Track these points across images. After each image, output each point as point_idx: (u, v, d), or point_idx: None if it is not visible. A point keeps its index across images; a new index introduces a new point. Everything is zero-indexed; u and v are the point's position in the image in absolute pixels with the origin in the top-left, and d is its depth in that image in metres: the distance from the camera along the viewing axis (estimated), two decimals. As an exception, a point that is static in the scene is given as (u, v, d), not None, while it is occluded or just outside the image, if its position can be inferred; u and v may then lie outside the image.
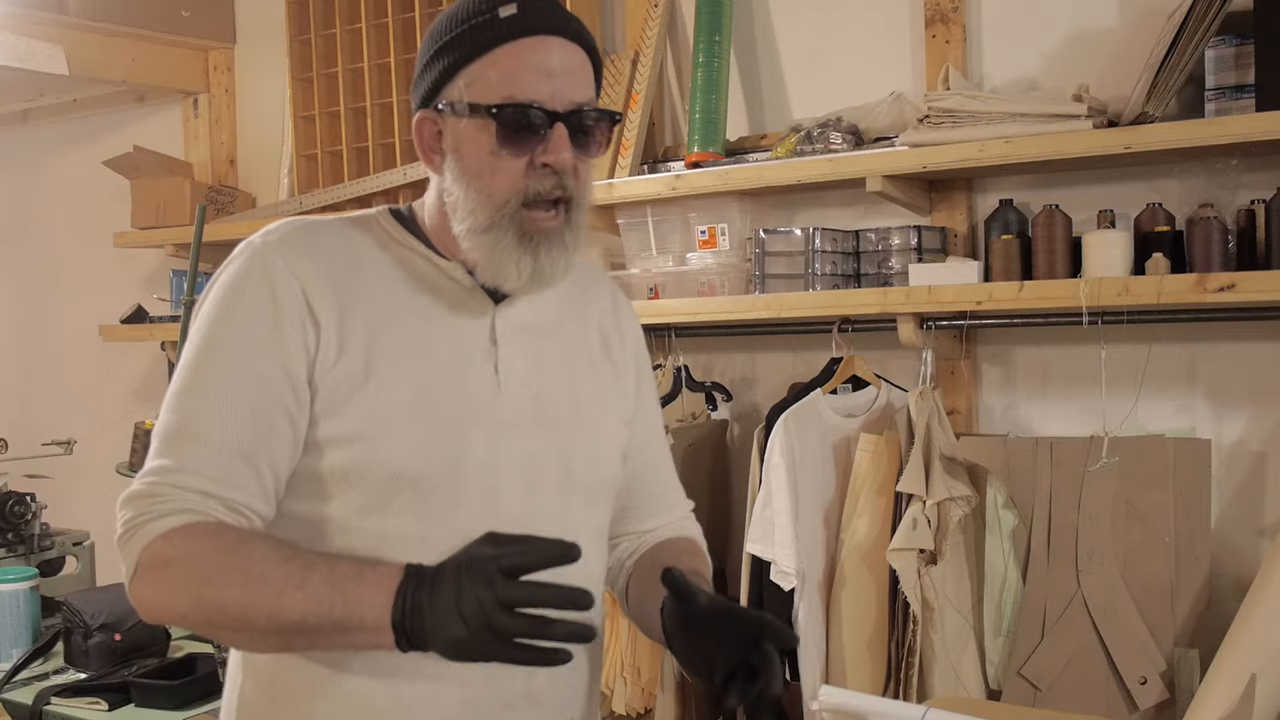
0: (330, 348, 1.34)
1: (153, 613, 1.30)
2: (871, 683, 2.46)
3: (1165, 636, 2.30)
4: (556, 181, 1.35)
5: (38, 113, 4.47)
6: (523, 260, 1.36)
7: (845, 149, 2.66)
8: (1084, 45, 2.54)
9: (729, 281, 2.80)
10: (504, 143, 1.34)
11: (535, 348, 1.46)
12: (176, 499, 1.28)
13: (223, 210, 3.83)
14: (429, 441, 1.35)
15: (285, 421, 1.33)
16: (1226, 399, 2.43)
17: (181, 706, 2.47)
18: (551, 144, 1.34)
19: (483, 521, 1.31)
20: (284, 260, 1.36)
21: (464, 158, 1.37)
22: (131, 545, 1.28)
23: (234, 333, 1.33)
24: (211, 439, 1.31)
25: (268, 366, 1.32)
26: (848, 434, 2.57)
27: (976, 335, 2.68)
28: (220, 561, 1.24)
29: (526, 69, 1.34)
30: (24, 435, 3.67)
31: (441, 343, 1.40)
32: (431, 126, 1.41)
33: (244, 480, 1.31)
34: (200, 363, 1.34)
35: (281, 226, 1.42)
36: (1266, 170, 2.34)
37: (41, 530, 3.23)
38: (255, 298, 1.34)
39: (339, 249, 1.41)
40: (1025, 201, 2.56)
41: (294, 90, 3.59)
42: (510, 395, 1.42)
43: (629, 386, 1.59)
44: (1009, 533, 2.44)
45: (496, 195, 1.35)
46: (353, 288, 1.38)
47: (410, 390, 1.35)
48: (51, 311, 4.52)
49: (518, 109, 1.33)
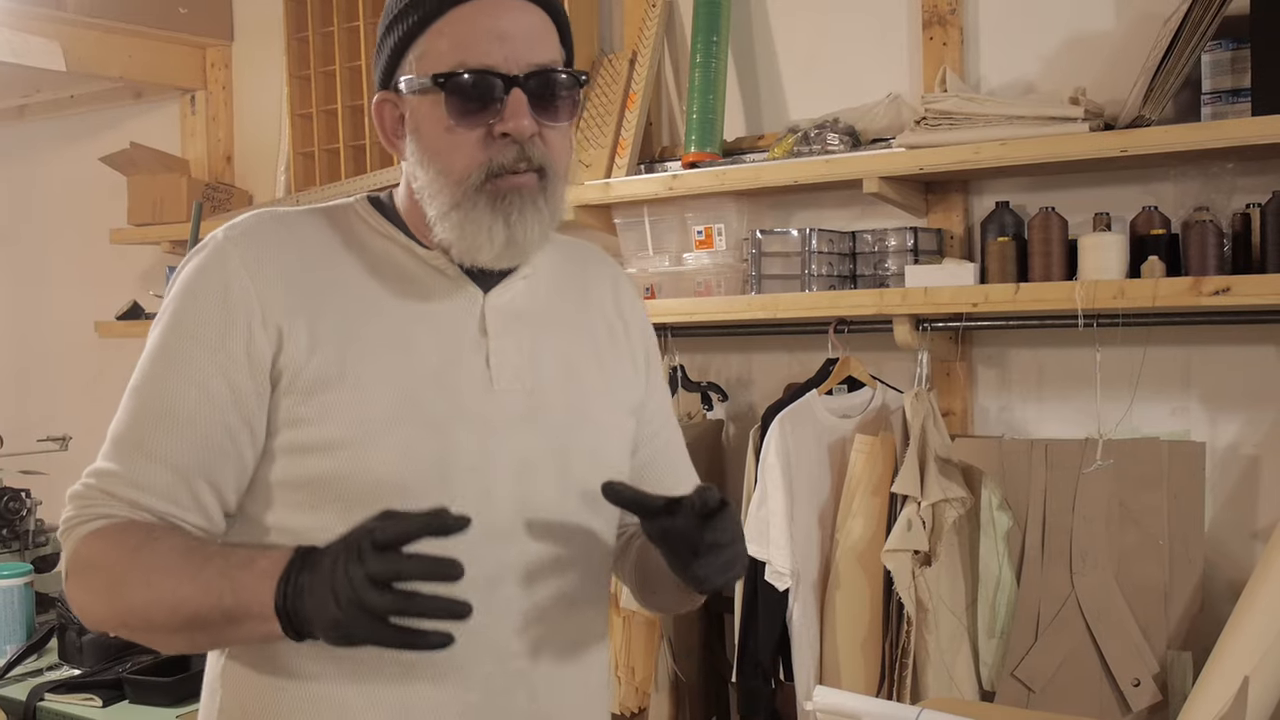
0: (298, 349, 1.27)
1: (83, 617, 1.28)
2: (865, 683, 2.46)
3: (1158, 638, 2.30)
4: (520, 152, 1.26)
5: (34, 109, 4.46)
6: (495, 228, 1.27)
7: (842, 150, 2.66)
8: (1081, 48, 2.55)
9: (725, 282, 2.81)
10: (455, 114, 1.25)
11: (530, 337, 1.37)
12: (103, 504, 1.26)
13: (219, 207, 3.83)
14: (415, 446, 1.27)
15: (226, 437, 1.27)
16: (1221, 402, 2.43)
17: (175, 703, 2.46)
18: (509, 111, 1.25)
19: (476, 530, 1.23)
20: (243, 258, 1.29)
21: (423, 137, 1.29)
22: (65, 549, 1.28)
23: (182, 337, 1.28)
24: (147, 448, 1.26)
25: (212, 379, 1.26)
26: (843, 435, 2.57)
27: (972, 337, 2.68)
28: (127, 562, 1.22)
29: (478, 33, 1.25)
30: (19, 431, 3.67)
31: (426, 337, 1.31)
32: (392, 109, 1.33)
33: (176, 494, 1.27)
34: (151, 365, 1.29)
35: (247, 219, 1.34)
36: (1262, 174, 2.34)
37: (36, 526, 3.22)
38: (206, 301, 1.28)
39: (310, 241, 1.33)
40: (1021, 204, 2.56)
41: (291, 88, 3.59)
42: (503, 391, 1.33)
43: (637, 373, 1.49)
44: (1003, 534, 2.44)
45: (455, 172, 1.27)
46: (325, 282, 1.31)
47: (393, 391, 1.28)
48: (47, 307, 4.51)
49: (467, 76, 1.24)
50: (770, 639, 2.49)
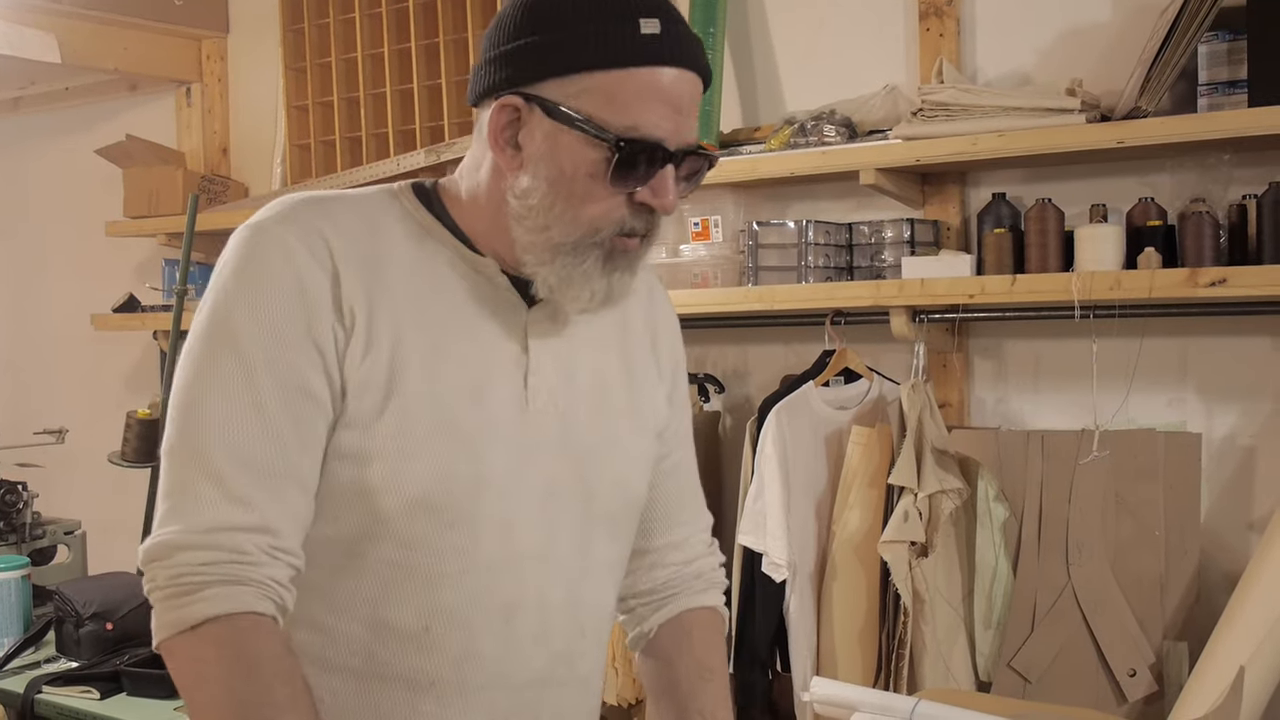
0: (357, 349, 1.21)
1: (172, 675, 1.19)
2: (862, 674, 2.47)
3: (1154, 629, 2.31)
4: (651, 221, 1.24)
5: (30, 101, 4.45)
6: (597, 283, 1.24)
7: (839, 142, 2.66)
8: (1078, 40, 2.55)
9: (722, 273, 2.81)
10: (618, 178, 1.20)
11: (568, 356, 1.32)
12: (230, 570, 1.15)
13: (215, 200, 3.83)
14: (450, 466, 1.22)
15: (321, 438, 1.22)
16: (1217, 393, 2.44)
17: (173, 695, 2.46)
18: (658, 185, 1.21)
19: (500, 557, 1.25)
20: (305, 246, 1.21)
21: (560, 168, 1.21)
22: (180, 606, 1.15)
23: (261, 337, 1.18)
24: (272, 469, 1.18)
25: (311, 377, 1.20)
26: (840, 426, 2.58)
27: (969, 328, 2.68)
28: (235, 702, 1.13)
29: (658, 101, 1.19)
30: (15, 424, 3.67)
31: (469, 350, 1.26)
32: (513, 114, 1.22)
33: (302, 514, 1.20)
34: (238, 370, 1.18)
35: (286, 205, 1.25)
36: (1258, 165, 2.34)
37: (33, 519, 3.22)
38: (281, 295, 1.19)
39: (359, 232, 1.25)
40: (1018, 195, 2.56)
41: (287, 80, 3.59)
42: (537, 413, 1.28)
43: (663, 387, 1.45)
44: (1000, 525, 2.44)
45: (591, 223, 1.22)
46: (378, 279, 1.24)
47: (434, 405, 1.22)
48: (43, 300, 4.51)
49: (644, 146, 1.19)
50: (767, 630, 2.50)
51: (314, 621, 1.26)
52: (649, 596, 1.50)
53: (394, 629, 1.25)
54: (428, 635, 1.25)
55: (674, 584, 1.50)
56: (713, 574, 1.54)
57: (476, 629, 1.26)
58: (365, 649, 1.25)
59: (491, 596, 1.26)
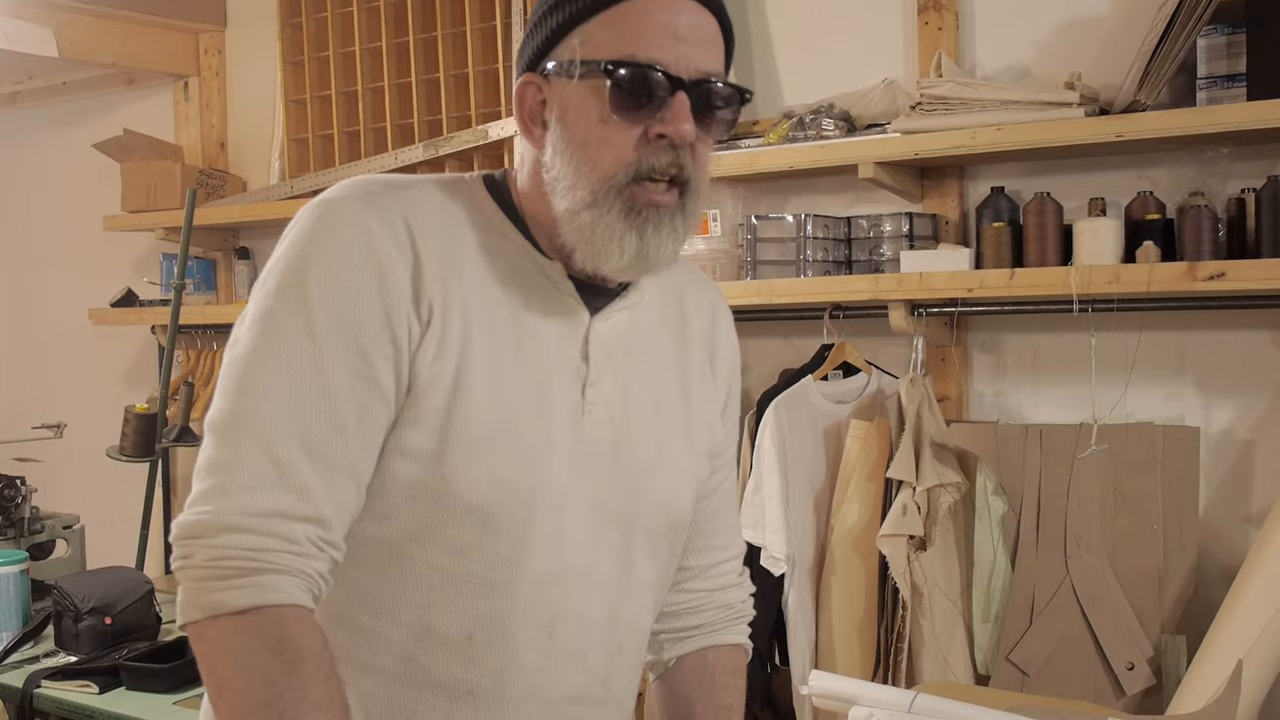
0: (431, 346, 1.17)
1: (199, 656, 1.15)
2: (861, 668, 2.47)
3: (1153, 622, 2.31)
4: (673, 158, 1.18)
5: (27, 95, 4.45)
6: (627, 237, 1.18)
7: (837, 135, 2.66)
8: (1076, 33, 2.55)
9: (721, 267, 2.81)
10: (618, 106, 1.16)
11: (626, 370, 1.29)
12: (281, 559, 1.12)
13: (213, 194, 3.82)
14: (508, 477, 1.19)
15: (382, 432, 1.18)
16: (1215, 387, 2.44)
17: (172, 690, 2.47)
18: (671, 113, 1.17)
19: (547, 570, 1.22)
20: (388, 229, 1.17)
21: (570, 126, 1.19)
22: (222, 590, 1.11)
23: (336, 317, 1.14)
24: (332, 458, 1.14)
25: (381, 368, 1.16)
26: (838, 420, 2.58)
27: (967, 322, 2.68)
28: (272, 711, 1.09)
29: (652, 28, 1.16)
30: (14, 418, 3.67)
31: (533, 355, 1.23)
32: (535, 94, 1.22)
33: (352, 508, 1.17)
34: (309, 351, 1.14)
35: (364, 185, 1.21)
36: (1257, 159, 2.34)
37: (32, 513, 3.22)
38: (359, 280, 1.15)
39: (437, 222, 1.21)
40: (1017, 189, 2.56)
41: (285, 74, 3.58)
42: (593, 426, 1.26)
43: (717, 410, 1.42)
44: (998, 519, 2.45)
45: (602, 168, 1.18)
46: (454, 273, 1.20)
47: (498, 410, 1.19)
48: (41, 294, 4.50)
49: (637, 68, 1.15)
50: (766, 624, 2.50)
51: (353, 621, 1.23)
52: (673, 623, 1.47)
53: (437, 635, 1.22)
54: (471, 644, 1.22)
55: (698, 612, 1.48)
56: (741, 606, 1.52)
57: (519, 641, 1.24)
58: (405, 653, 1.23)
59: (537, 610, 1.24)
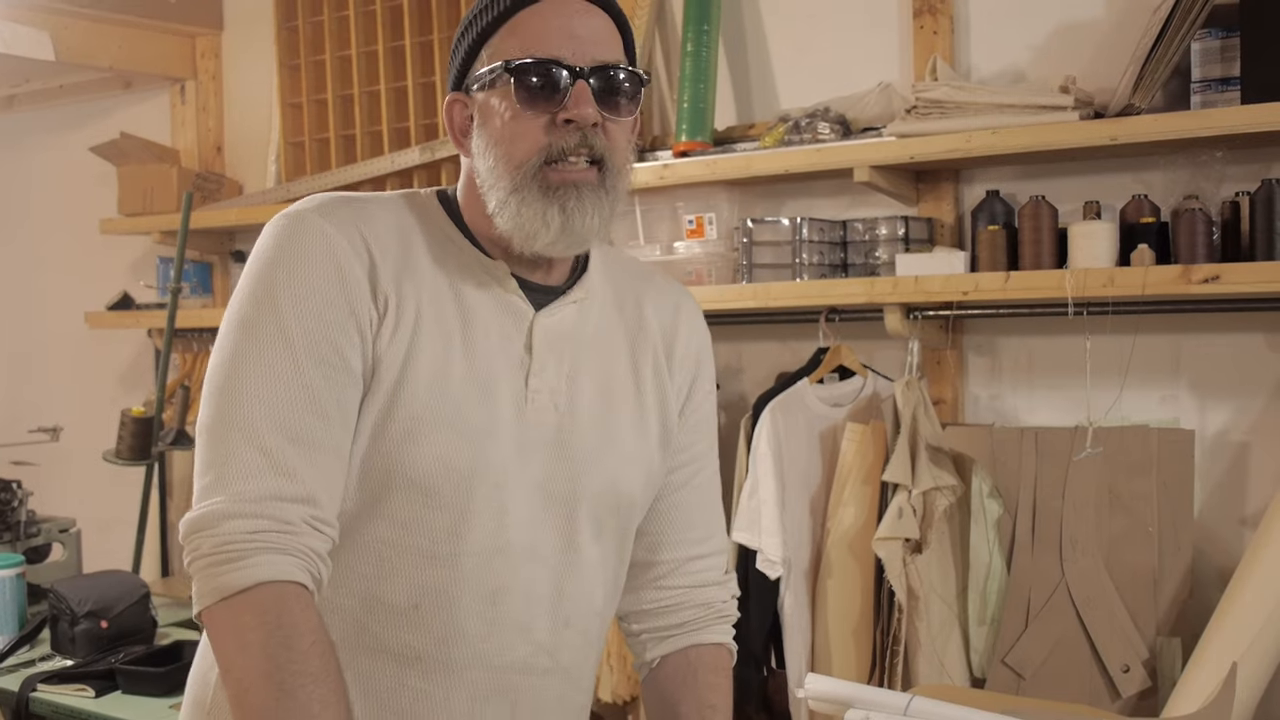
0: (387, 330, 1.28)
1: (210, 641, 1.23)
2: (857, 671, 2.47)
3: (1148, 625, 2.31)
4: (581, 139, 1.29)
5: (24, 99, 4.45)
6: (550, 212, 1.28)
7: (833, 139, 2.66)
8: (1071, 37, 2.55)
9: (716, 271, 2.81)
10: (523, 100, 1.28)
11: (571, 360, 1.38)
12: (276, 539, 1.19)
13: (209, 197, 3.82)
14: (450, 455, 1.28)
15: (355, 413, 1.28)
16: (1210, 390, 2.44)
17: (168, 693, 2.47)
18: (573, 100, 1.28)
19: (489, 545, 1.30)
20: (344, 237, 1.28)
21: (488, 127, 1.32)
22: (224, 573, 1.17)
23: (304, 317, 1.25)
24: (316, 442, 1.23)
25: (351, 356, 1.26)
26: (834, 423, 2.58)
27: (963, 325, 2.69)
28: (271, 682, 1.15)
29: (549, 30, 1.30)
30: (10, 422, 3.67)
31: (479, 347, 1.33)
32: (462, 110, 1.36)
33: (338, 486, 1.26)
34: (281, 348, 1.23)
35: (324, 201, 1.33)
36: (1251, 162, 2.35)
37: (28, 517, 3.22)
38: (322, 279, 1.26)
39: (390, 232, 1.33)
40: (1012, 192, 2.57)
41: (281, 77, 3.58)
42: (536, 411, 1.34)
43: (676, 401, 1.48)
44: (994, 522, 2.45)
45: (517, 157, 1.29)
46: (407, 272, 1.31)
47: (443, 394, 1.29)
48: (37, 298, 4.50)
49: (536, 63, 1.28)
50: (762, 627, 2.50)
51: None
52: (653, 622, 1.51)
53: (385, 604, 1.30)
54: (416, 612, 1.30)
55: (678, 610, 1.51)
56: (723, 605, 1.54)
57: (463, 610, 1.31)
58: (357, 621, 1.31)
59: (480, 581, 1.31)
